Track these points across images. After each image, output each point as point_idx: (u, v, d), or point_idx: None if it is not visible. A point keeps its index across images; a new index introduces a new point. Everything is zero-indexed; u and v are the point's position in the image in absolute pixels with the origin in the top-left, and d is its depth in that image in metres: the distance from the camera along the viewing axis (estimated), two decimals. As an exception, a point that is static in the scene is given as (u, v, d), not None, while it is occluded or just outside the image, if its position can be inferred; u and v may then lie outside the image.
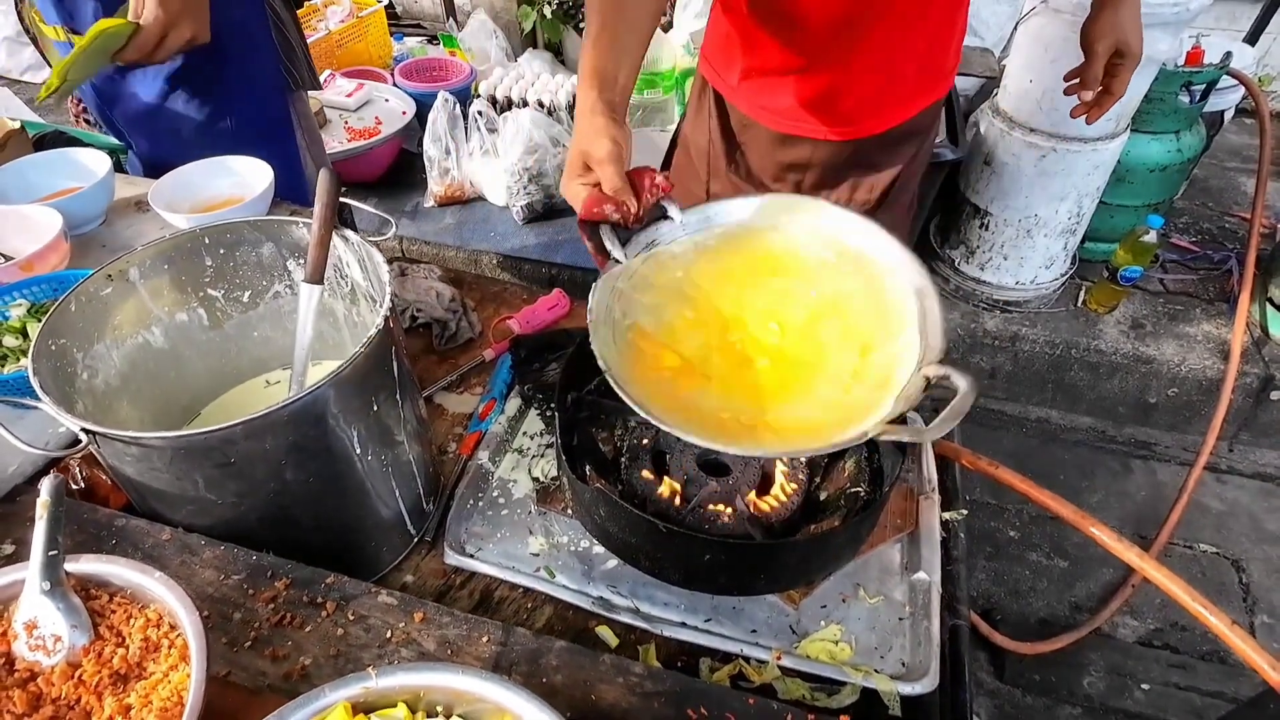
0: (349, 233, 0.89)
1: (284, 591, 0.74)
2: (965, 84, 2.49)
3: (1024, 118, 2.03)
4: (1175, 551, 2.05)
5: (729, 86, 1.29)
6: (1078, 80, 1.16)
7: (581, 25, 3.19)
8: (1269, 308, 2.25)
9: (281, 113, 1.48)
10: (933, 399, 0.89)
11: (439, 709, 0.57)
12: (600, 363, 0.73)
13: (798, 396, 0.77)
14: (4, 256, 1.09)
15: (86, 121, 1.82)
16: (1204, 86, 2.05)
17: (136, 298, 0.88)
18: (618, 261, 0.82)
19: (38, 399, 0.69)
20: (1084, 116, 1.19)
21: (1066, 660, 1.79)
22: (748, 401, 0.77)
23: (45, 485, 0.64)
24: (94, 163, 1.28)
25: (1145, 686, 1.75)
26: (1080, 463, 2.31)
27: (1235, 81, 2.17)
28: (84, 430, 0.67)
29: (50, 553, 0.61)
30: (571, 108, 2.70)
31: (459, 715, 0.57)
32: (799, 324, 0.84)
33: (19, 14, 1.58)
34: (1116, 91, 1.14)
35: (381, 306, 0.78)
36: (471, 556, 0.90)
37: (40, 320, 0.97)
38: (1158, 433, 2.37)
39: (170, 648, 0.60)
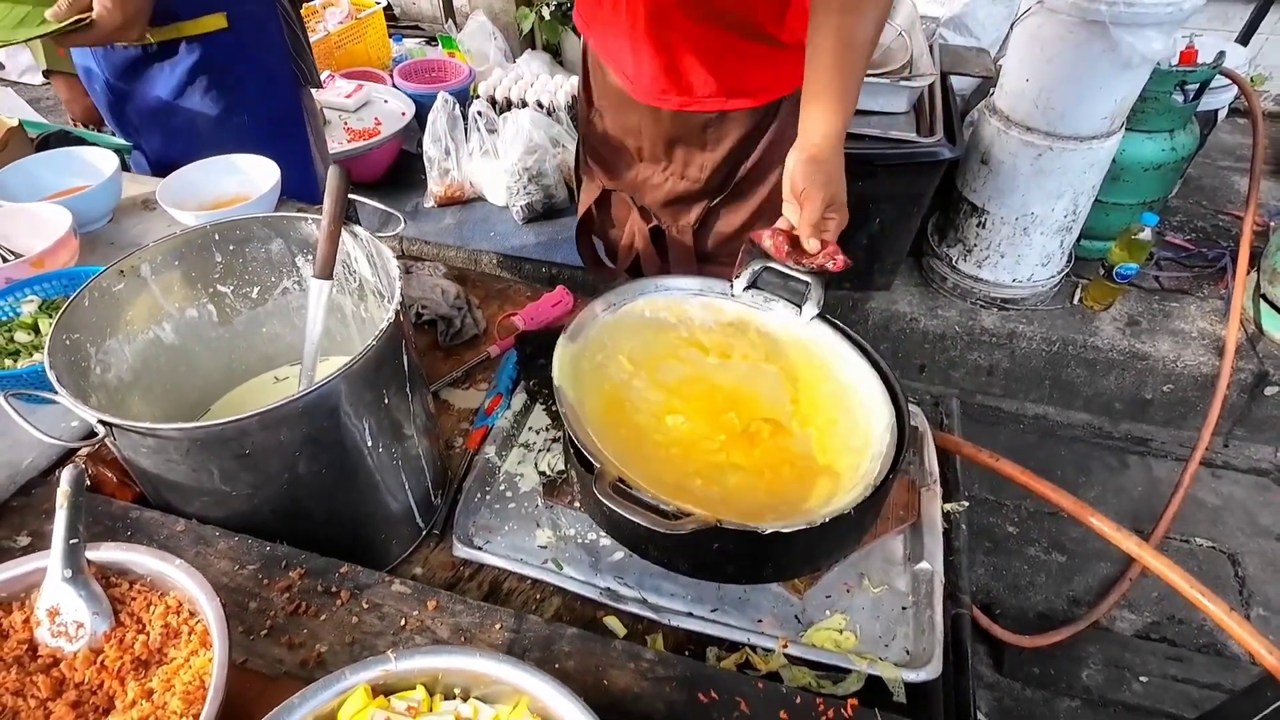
0: (358, 229, 0.90)
1: (299, 581, 0.75)
2: (962, 83, 2.51)
3: (1020, 116, 2.05)
4: (1171, 546, 2.07)
5: (591, 33, 1.34)
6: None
7: (580, 26, 3.20)
8: (1263, 304, 2.27)
9: (293, 109, 1.49)
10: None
11: (456, 691, 0.58)
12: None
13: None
14: (14, 254, 1.10)
15: (84, 126, 1.83)
16: (1197, 86, 2.07)
17: (148, 293, 0.89)
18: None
19: (53, 391, 0.70)
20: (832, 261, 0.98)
21: (1065, 653, 1.80)
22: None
23: (65, 475, 0.65)
24: (101, 161, 1.29)
25: (1143, 679, 1.77)
26: (1077, 459, 2.33)
27: (1228, 81, 2.19)
28: (101, 422, 0.68)
29: (71, 541, 0.62)
30: (570, 108, 2.71)
31: (476, 697, 0.58)
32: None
33: None
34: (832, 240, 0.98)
35: (391, 301, 0.79)
36: (480, 549, 0.91)
37: (51, 316, 0.98)
38: (1154, 428, 2.39)
39: (190, 634, 0.61)
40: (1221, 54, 2.06)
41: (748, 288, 1.00)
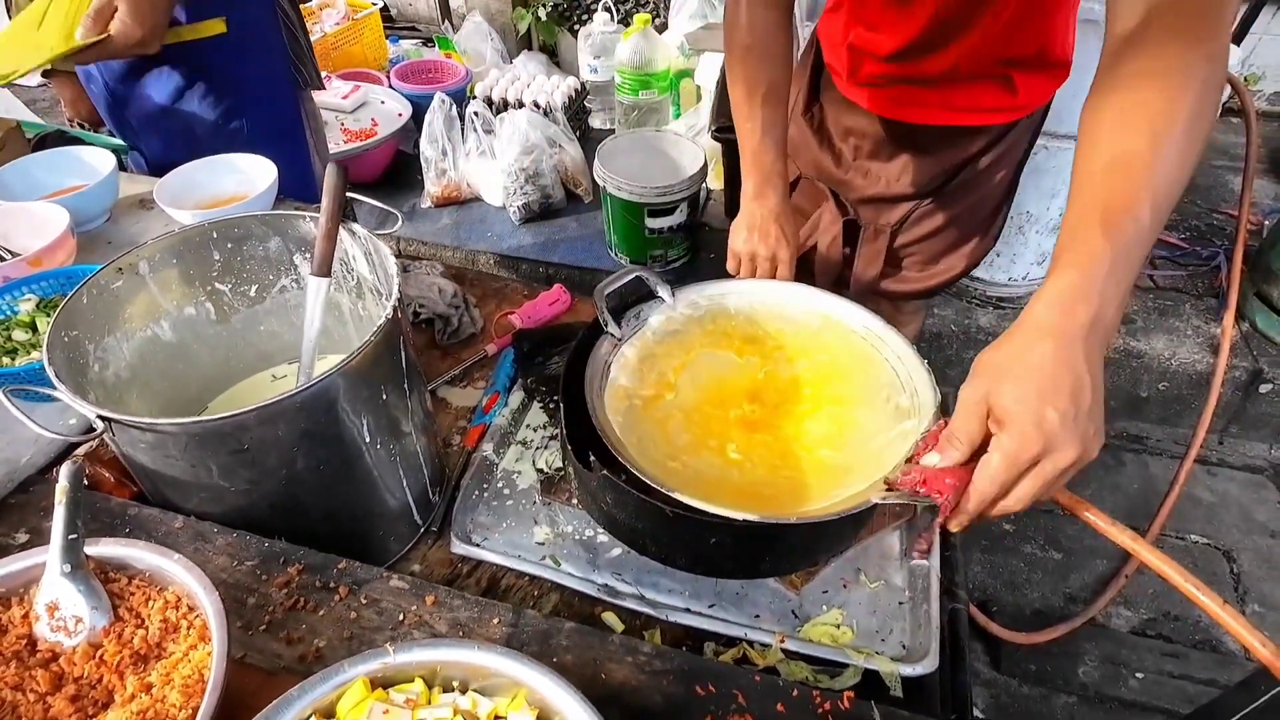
0: (356, 226, 0.91)
1: (297, 577, 0.75)
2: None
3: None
4: (1167, 543, 2.08)
5: (828, 43, 1.32)
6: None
7: (575, 28, 3.21)
8: (1257, 302, 2.28)
9: (293, 111, 1.49)
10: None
11: (455, 684, 0.58)
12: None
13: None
14: (11, 252, 1.10)
15: (80, 126, 1.83)
16: (1191, 85, 2.08)
17: (146, 291, 0.89)
18: (612, 335, 0.94)
19: (51, 388, 0.70)
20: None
21: (1062, 650, 1.81)
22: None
23: (64, 470, 0.65)
24: (98, 161, 1.29)
25: (1139, 675, 1.77)
26: (1073, 457, 2.34)
27: (1222, 80, 2.20)
28: (100, 417, 0.69)
29: (70, 536, 0.63)
30: (567, 108, 2.72)
31: (475, 690, 0.58)
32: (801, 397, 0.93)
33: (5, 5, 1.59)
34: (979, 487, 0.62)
35: (389, 298, 0.80)
36: (478, 546, 0.92)
37: (48, 315, 0.98)
38: (1149, 426, 2.40)
39: (189, 628, 0.62)
40: (1215, 53, 2.07)
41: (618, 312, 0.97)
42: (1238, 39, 2.87)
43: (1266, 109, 3.22)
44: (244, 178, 1.28)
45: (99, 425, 0.70)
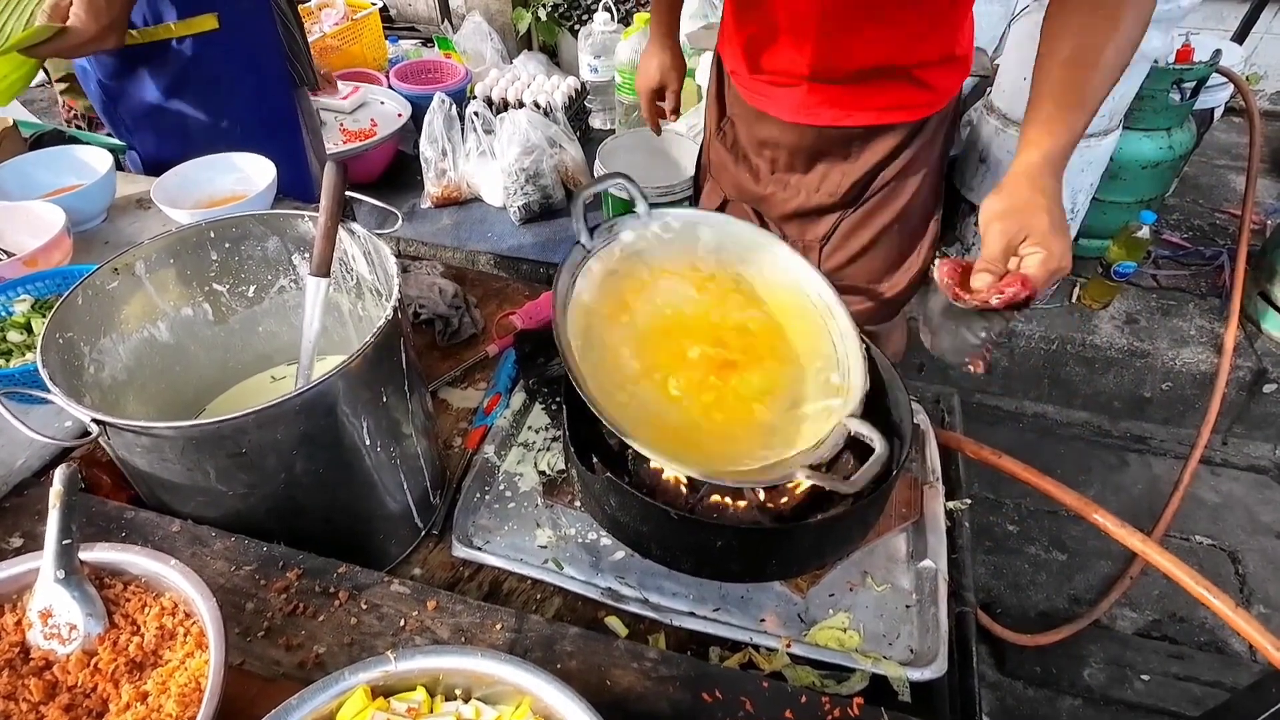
0: (355, 226, 0.90)
1: (296, 581, 0.74)
2: (959, 83, 2.51)
3: (1018, 115, 2.04)
4: (1172, 544, 2.07)
5: (726, 51, 1.33)
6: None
7: (575, 28, 3.20)
8: (1261, 302, 2.27)
9: (287, 110, 1.48)
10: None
11: (458, 692, 0.57)
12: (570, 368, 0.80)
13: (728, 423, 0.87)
14: (7, 252, 1.09)
15: (78, 125, 1.82)
16: (1194, 84, 2.07)
17: (142, 292, 0.88)
18: (580, 244, 0.92)
19: (46, 390, 0.69)
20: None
21: (1066, 652, 1.80)
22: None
23: (58, 474, 0.64)
24: (95, 160, 1.28)
25: (1145, 677, 1.76)
26: (1077, 457, 2.33)
27: (1224, 80, 2.19)
28: (95, 420, 0.67)
29: (64, 541, 0.61)
30: (567, 108, 2.71)
31: (478, 698, 0.57)
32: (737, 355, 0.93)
33: None
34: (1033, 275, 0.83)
35: (389, 298, 0.79)
36: (479, 549, 0.90)
37: (44, 316, 0.97)
38: (1153, 426, 2.39)
39: (186, 635, 0.60)
40: (1218, 52, 2.06)
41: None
42: (1239, 39, 2.86)
43: (1269, 108, 3.22)
44: (242, 176, 1.27)
45: (94, 429, 0.68)
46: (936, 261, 0.89)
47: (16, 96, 1.22)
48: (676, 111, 1.55)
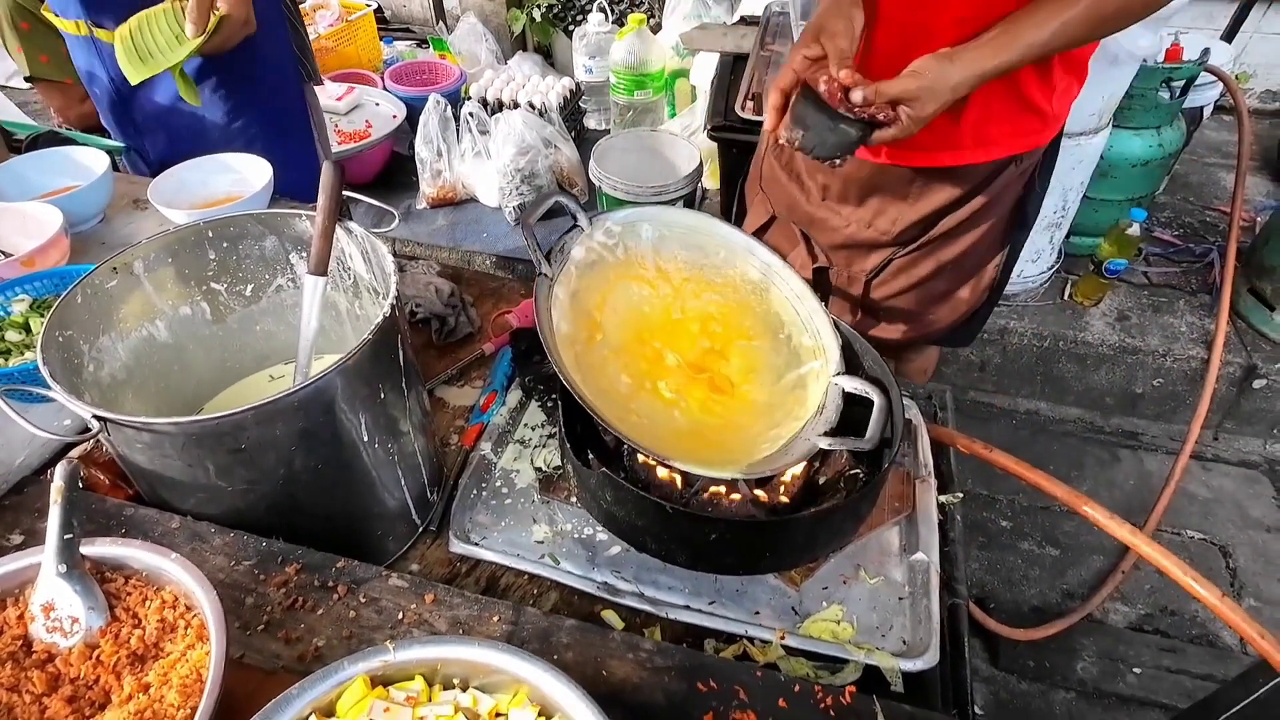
0: (352, 224, 0.90)
1: (295, 576, 0.75)
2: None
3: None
4: (1163, 538, 2.08)
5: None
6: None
7: (570, 28, 3.21)
8: (1250, 298, 2.30)
9: (298, 105, 1.48)
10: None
11: (455, 681, 0.58)
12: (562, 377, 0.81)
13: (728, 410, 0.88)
14: (4, 253, 1.09)
15: (68, 128, 1.81)
16: (1184, 82, 2.09)
17: (141, 291, 0.89)
18: (543, 275, 0.90)
19: (46, 388, 0.70)
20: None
21: (1060, 646, 1.81)
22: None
23: (59, 470, 0.64)
24: (92, 161, 1.28)
25: (1137, 670, 1.78)
26: (1069, 453, 2.34)
27: (1213, 78, 2.21)
28: (95, 417, 0.68)
29: (66, 536, 0.62)
30: (563, 108, 2.72)
31: (475, 687, 0.58)
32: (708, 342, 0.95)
33: None
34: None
35: (386, 297, 0.79)
36: (476, 545, 0.91)
37: (42, 316, 0.97)
38: (1144, 422, 2.40)
39: (187, 628, 0.61)
40: (1206, 51, 2.08)
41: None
42: (1228, 38, 2.88)
43: (1258, 107, 3.24)
44: (239, 177, 1.28)
45: (94, 425, 0.69)
46: (821, 76, 0.97)
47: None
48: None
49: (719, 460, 0.80)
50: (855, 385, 0.86)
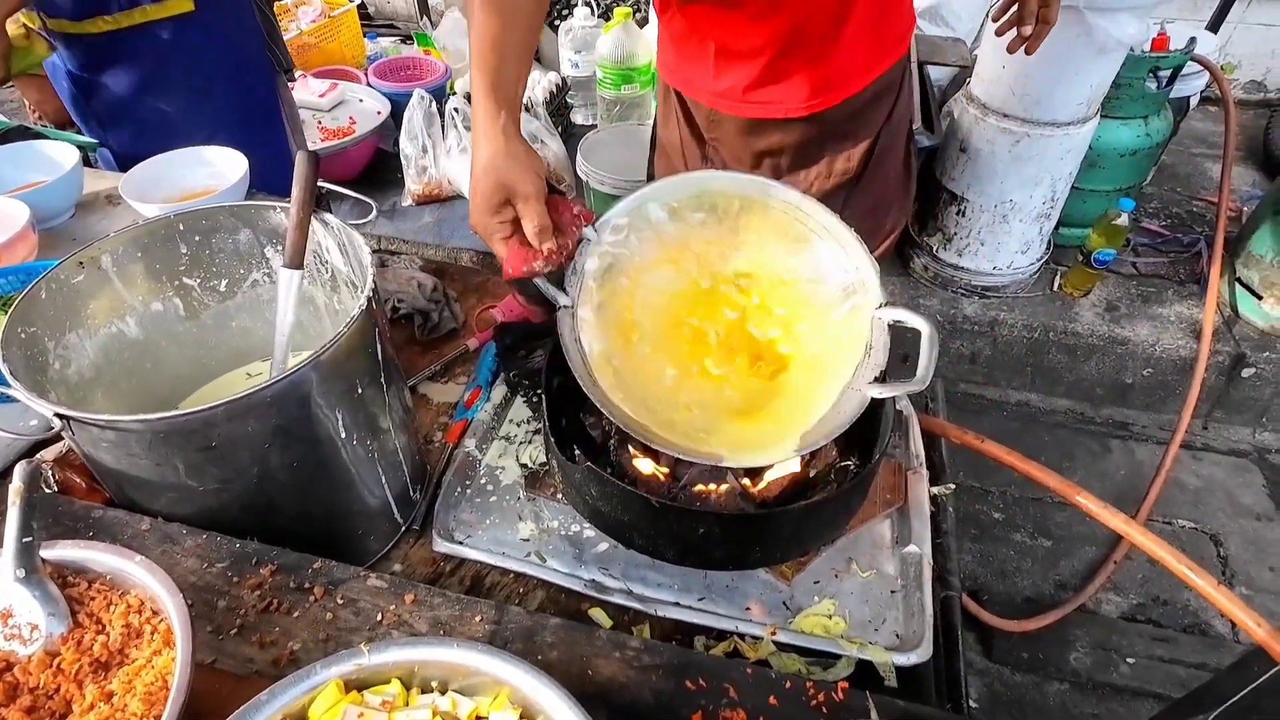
0: (329, 216, 0.88)
1: (270, 578, 0.72)
2: (939, 73, 2.52)
3: (997, 104, 2.06)
4: (1155, 528, 2.08)
5: (689, 84, 1.29)
6: (1012, 13, 1.16)
7: (555, 23, 3.18)
8: (1238, 287, 2.30)
9: (269, 96, 1.45)
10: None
11: (434, 684, 0.56)
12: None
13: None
14: (-31, 251, 1.06)
15: (56, 128, 1.77)
16: (1170, 72, 2.09)
17: (110, 286, 0.86)
18: (565, 306, 0.84)
19: (7, 386, 0.67)
20: (1023, 46, 1.18)
21: (1053, 637, 1.81)
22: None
23: (18, 471, 0.62)
24: (61, 155, 1.25)
25: (1130, 660, 1.78)
26: (1060, 444, 2.34)
27: (1199, 68, 2.21)
28: (58, 415, 0.66)
29: (24, 539, 0.59)
30: (549, 103, 2.69)
31: (455, 690, 0.56)
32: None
33: None
34: (1051, 20, 1.14)
35: (363, 290, 0.77)
36: (461, 543, 0.89)
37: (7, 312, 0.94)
38: (1134, 413, 2.41)
39: (153, 633, 0.59)
40: (1193, 39, 2.08)
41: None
42: (1213, 28, 2.89)
43: (1242, 97, 3.26)
44: (214, 171, 1.25)
45: (57, 424, 0.66)
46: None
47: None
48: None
49: (774, 438, 0.77)
50: (899, 315, 0.81)
